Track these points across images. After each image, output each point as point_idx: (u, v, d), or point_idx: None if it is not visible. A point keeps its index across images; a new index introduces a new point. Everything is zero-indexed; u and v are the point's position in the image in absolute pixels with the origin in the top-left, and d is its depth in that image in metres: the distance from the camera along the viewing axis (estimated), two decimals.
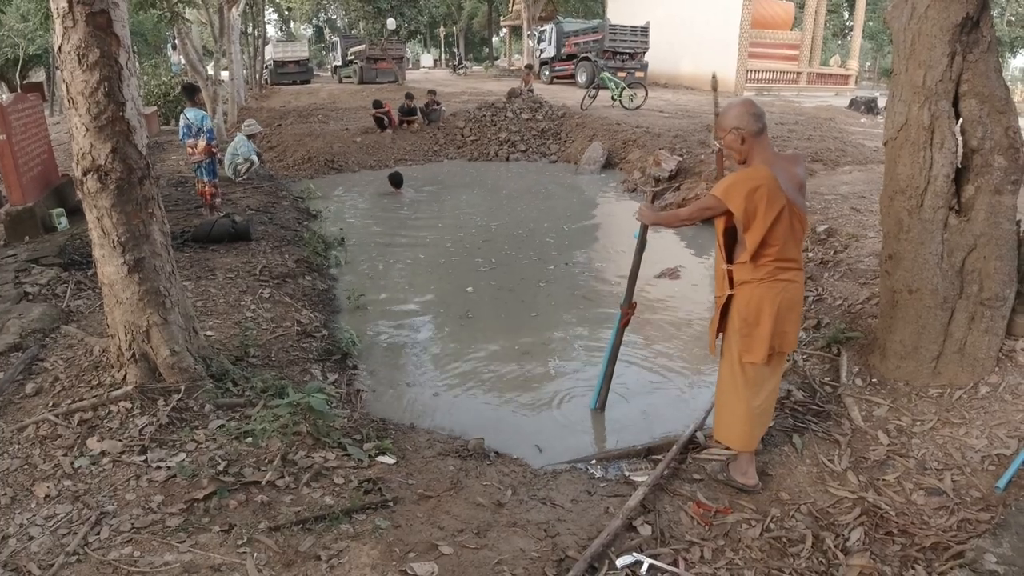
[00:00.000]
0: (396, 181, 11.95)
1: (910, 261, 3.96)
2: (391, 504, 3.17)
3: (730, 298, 3.28)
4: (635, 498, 3.28)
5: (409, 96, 16.76)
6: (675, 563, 2.93)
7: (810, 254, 6.84)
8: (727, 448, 3.72)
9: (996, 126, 3.71)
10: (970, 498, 3.23)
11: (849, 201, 8.14)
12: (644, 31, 23.92)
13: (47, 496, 3.14)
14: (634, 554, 2.95)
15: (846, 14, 44.50)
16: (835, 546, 3.01)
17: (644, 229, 3.96)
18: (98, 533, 2.90)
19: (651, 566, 2.88)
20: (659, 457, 3.84)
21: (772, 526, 3.18)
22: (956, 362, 3.97)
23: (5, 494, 3.17)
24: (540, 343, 5.72)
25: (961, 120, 3.82)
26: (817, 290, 5.84)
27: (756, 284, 3.18)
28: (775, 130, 13.78)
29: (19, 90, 18.33)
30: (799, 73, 26.65)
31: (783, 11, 27.65)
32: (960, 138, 3.84)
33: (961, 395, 3.91)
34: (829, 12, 34.11)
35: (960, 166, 3.88)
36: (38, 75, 30.89)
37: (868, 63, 45.96)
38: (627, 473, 3.74)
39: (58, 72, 4.16)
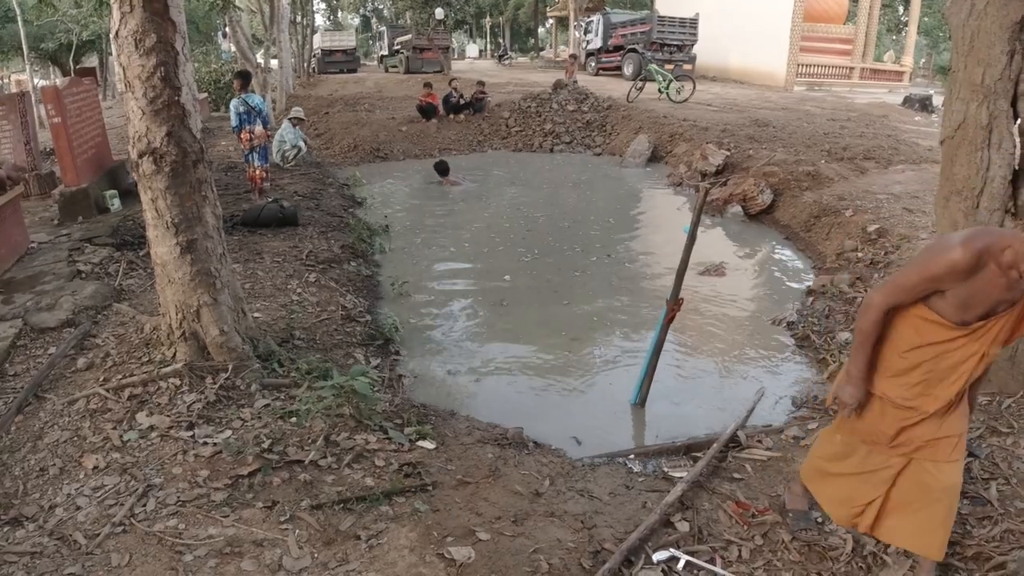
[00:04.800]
0: (442, 169, 11.83)
1: None
2: (430, 488, 3.20)
3: None
4: (673, 494, 3.26)
5: (452, 80, 16.83)
6: (712, 561, 2.90)
7: (860, 254, 6.70)
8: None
9: None
10: (1014, 509, 3.13)
11: (902, 201, 7.94)
12: (693, 23, 23.56)
13: (95, 468, 3.24)
14: (671, 550, 2.93)
15: (901, 9, 43.27)
16: (875, 552, 2.95)
17: (695, 225, 3.92)
18: (144, 505, 2.99)
19: (687, 563, 2.87)
20: (699, 454, 3.80)
21: (812, 529, 3.13)
22: (1006, 370, 3.87)
23: (54, 464, 3.28)
24: (581, 335, 5.71)
25: (1019, 120, 3.70)
26: (866, 292, 5.72)
27: None
28: (827, 126, 13.49)
29: (72, 75, 18.76)
30: (852, 68, 25.99)
31: (836, 4, 26.98)
32: (1018, 139, 3.72)
33: (1010, 404, 3.81)
34: (883, 7, 33.17)
35: (1018, 168, 3.76)
36: (91, 60, 31.59)
37: (923, 60, 44.58)
38: (666, 469, 3.71)
39: (111, 58, 4.27)
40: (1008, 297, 2.25)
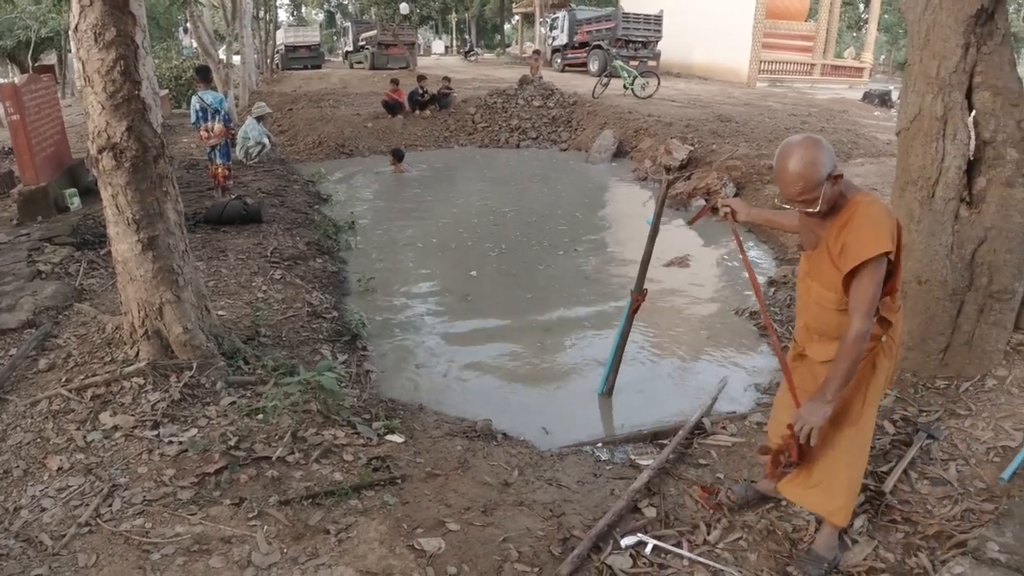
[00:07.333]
0: (398, 155, 12.38)
1: (920, 252, 3.96)
2: (399, 481, 3.21)
3: (876, 347, 2.59)
4: (640, 480, 3.31)
5: (421, 77, 16.77)
6: (679, 544, 2.95)
7: None
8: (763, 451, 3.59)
9: (1009, 119, 3.70)
10: (974, 488, 3.23)
11: None
12: (658, 19, 23.76)
13: (60, 469, 3.19)
14: (639, 534, 2.98)
15: (861, 6, 44.13)
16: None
17: (658, 216, 3.98)
18: (110, 505, 2.95)
19: (655, 547, 2.92)
20: (665, 442, 3.86)
21: (776, 511, 3.20)
22: (964, 354, 3.98)
23: (18, 467, 3.22)
24: (548, 327, 5.75)
25: (974, 112, 3.81)
26: None
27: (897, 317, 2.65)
28: (788, 121, 13.71)
29: (30, 72, 18.32)
30: (813, 65, 26.41)
31: (798, 1, 27.39)
32: (973, 130, 3.83)
33: (968, 387, 3.93)
34: (844, 4, 33.71)
35: (972, 158, 3.87)
36: (49, 58, 30.88)
37: (883, 56, 45.50)
38: (633, 457, 3.77)
39: (69, 55, 4.19)
40: (810, 228, 2.54)
